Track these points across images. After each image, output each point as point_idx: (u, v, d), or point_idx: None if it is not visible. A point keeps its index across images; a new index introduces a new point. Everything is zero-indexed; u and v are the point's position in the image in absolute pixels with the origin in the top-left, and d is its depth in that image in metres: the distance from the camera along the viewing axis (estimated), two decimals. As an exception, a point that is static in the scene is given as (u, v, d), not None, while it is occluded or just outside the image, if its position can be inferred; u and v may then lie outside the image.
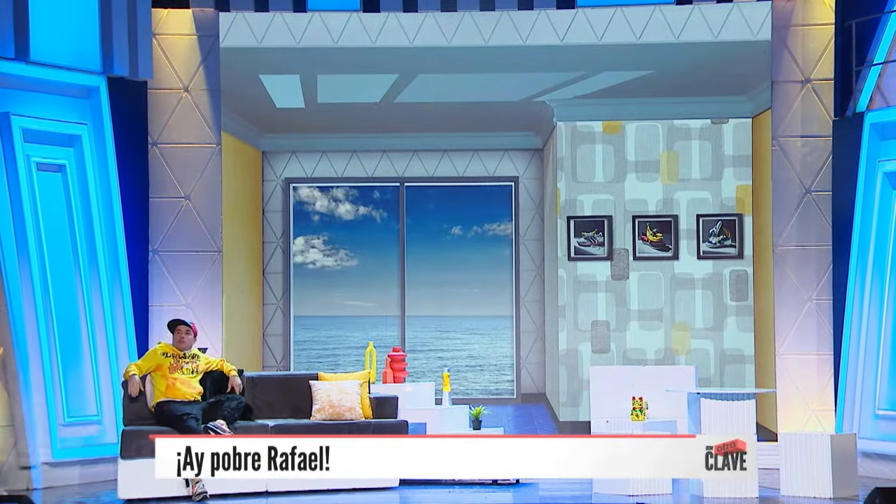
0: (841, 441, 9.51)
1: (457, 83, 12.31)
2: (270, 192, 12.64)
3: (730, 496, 9.38)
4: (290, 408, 10.33)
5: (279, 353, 12.56)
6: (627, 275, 12.23)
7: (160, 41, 11.94)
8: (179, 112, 11.99)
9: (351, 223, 12.67)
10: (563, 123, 12.33)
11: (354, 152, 12.62)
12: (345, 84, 12.29)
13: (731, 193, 12.19)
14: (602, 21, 12.02)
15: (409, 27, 12.08)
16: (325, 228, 12.67)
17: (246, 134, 12.46)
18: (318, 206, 12.70)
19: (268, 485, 9.83)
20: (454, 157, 12.61)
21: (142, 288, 11.61)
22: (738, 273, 12.15)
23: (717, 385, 11.94)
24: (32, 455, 10.29)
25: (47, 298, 10.59)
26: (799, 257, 11.73)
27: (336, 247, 12.68)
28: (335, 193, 12.68)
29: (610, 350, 12.13)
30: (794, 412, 11.59)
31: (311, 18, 12.11)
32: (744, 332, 12.08)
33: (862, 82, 11.20)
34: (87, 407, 10.76)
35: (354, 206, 12.70)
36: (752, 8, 11.89)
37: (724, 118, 12.21)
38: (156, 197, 11.94)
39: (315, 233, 12.67)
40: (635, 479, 9.58)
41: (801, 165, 11.79)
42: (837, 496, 9.36)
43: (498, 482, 10.26)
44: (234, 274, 12.21)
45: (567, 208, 12.29)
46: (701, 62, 12.07)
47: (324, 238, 12.68)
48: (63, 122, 10.94)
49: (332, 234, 12.68)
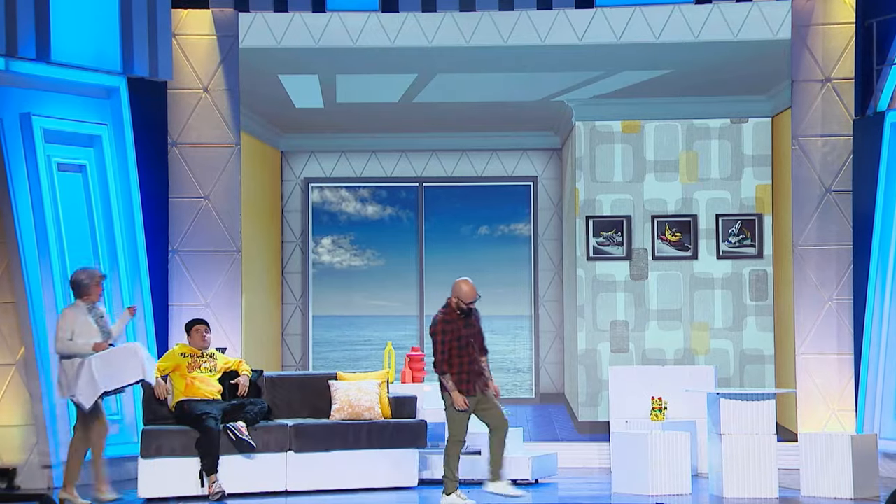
0: (861, 441, 9.48)
1: (475, 83, 12.31)
2: (289, 192, 12.66)
3: (749, 496, 9.36)
4: (309, 408, 10.35)
5: (298, 352, 12.58)
6: (646, 275, 12.20)
7: (180, 42, 11.98)
8: (199, 112, 12.02)
9: (370, 223, 12.68)
10: (581, 123, 12.32)
11: (373, 152, 12.63)
12: (364, 84, 12.31)
13: (750, 193, 12.16)
14: (621, 20, 12.00)
15: (427, 27, 12.09)
16: (344, 228, 12.69)
17: (265, 134, 12.49)
18: (338, 207, 12.71)
19: (287, 484, 9.85)
20: (473, 157, 12.61)
21: (161, 288, 11.65)
22: (757, 273, 12.12)
23: (737, 385, 11.90)
24: (53, 454, 10.34)
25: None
26: (819, 257, 11.69)
27: (356, 247, 12.69)
28: (359, 193, 12.69)
29: (629, 350, 12.11)
30: (814, 412, 11.55)
31: (330, 18, 12.13)
32: (763, 331, 12.04)
33: (883, 81, 11.16)
34: (108, 406, 10.79)
35: (373, 206, 12.71)
36: (772, 7, 11.85)
37: (744, 117, 12.18)
38: (175, 197, 11.97)
39: (334, 233, 12.69)
40: (654, 478, 9.56)
41: (821, 165, 11.75)
42: (858, 497, 9.33)
43: (517, 482, 10.24)
44: (254, 274, 12.24)
45: (586, 208, 12.28)
46: (720, 61, 12.04)
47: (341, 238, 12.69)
48: (83, 123, 10.99)
49: (352, 234, 12.69)
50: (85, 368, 9.18)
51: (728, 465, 9.40)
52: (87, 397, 9.16)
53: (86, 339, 9.26)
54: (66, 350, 9.27)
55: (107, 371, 9.16)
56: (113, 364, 9.19)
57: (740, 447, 9.40)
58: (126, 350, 9.32)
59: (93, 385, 9.16)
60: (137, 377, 9.29)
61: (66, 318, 9.32)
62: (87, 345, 9.26)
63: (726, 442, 9.43)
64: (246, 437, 9.60)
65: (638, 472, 9.63)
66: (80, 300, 9.38)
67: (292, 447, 9.89)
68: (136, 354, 9.26)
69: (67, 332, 9.26)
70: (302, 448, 9.87)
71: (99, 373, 9.16)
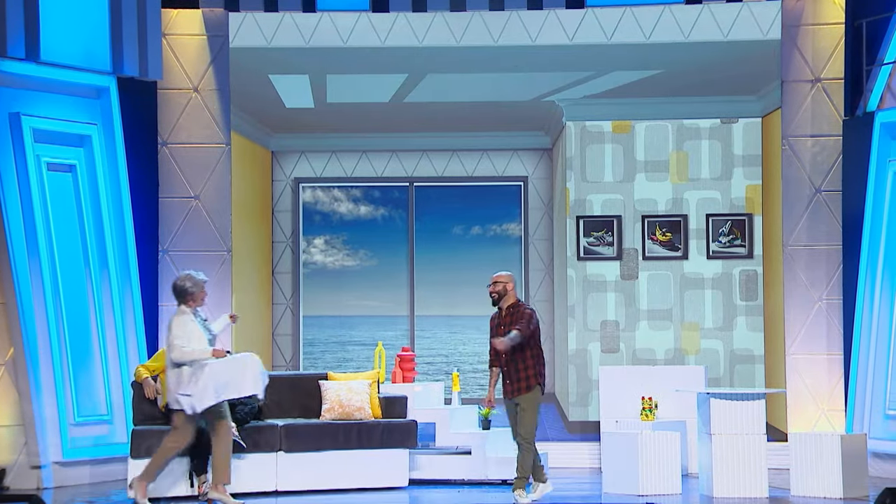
0: (851, 441, 9.49)
1: (466, 83, 12.31)
2: (280, 192, 12.65)
3: (739, 496, 9.37)
4: (299, 408, 10.34)
5: (288, 352, 12.57)
6: (637, 275, 12.22)
7: (170, 41, 11.96)
8: (189, 112, 12.01)
9: (359, 223, 12.67)
10: (572, 123, 12.33)
11: (364, 152, 12.63)
12: (354, 84, 12.30)
13: (740, 193, 12.17)
14: (611, 21, 12.01)
15: (418, 27, 12.09)
16: (333, 228, 12.68)
17: (255, 134, 12.48)
18: (327, 206, 12.70)
19: (277, 484, 9.84)
20: (463, 157, 12.61)
21: (152, 288, 11.63)
22: (747, 273, 12.13)
23: (727, 385, 11.92)
24: (43, 454, 10.32)
25: (57, 298, 10.62)
26: (809, 257, 11.71)
27: (344, 246, 12.68)
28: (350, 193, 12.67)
29: (619, 350, 12.12)
30: (804, 412, 11.57)
31: (321, 18, 12.13)
32: (753, 331, 12.06)
33: (872, 81, 11.18)
34: (98, 407, 10.79)
35: (363, 206, 12.70)
36: (762, 7, 11.87)
37: (734, 118, 12.20)
38: (165, 197, 11.96)
39: (323, 232, 12.68)
40: (644, 478, 9.57)
41: (810, 165, 11.77)
42: (848, 496, 9.34)
43: (507, 482, 10.25)
44: (244, 274, 12.23)
45: (576, 208, 12.29)
46: (710, 62, 12.05)
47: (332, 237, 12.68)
48: (73, 122, 10.97)
49: (341, 233, 12.68)
50: (205, 373, 9.01)
51: (718, 464, 9.42)
52: (201, 401, 8.99)
53: (198, 345, 9.09)
54: (183, 357, 9.06)
55: (226, 379, 9.02)
56: (231, 373, 9.05)
57: (730, 447, 9.42)
58: (244, 360, 9.17)
59: (210, 390, 9.00)
60: (251, 391, 9.14)
61: (178, 325, 9.11)
62: (206, 351, 9.07)
63: (716, 442, 9.44)
64: (236, 438, 9.58)
65: (628, 471, 9.63)
66: (185, 306, 9.23)
67: (283, 447, 9.89)
68: (254, 367, 9.13)
69: (183, 339, 9.07)
70: (292, 448, 9.87)
71: (218, 379, 9.03)
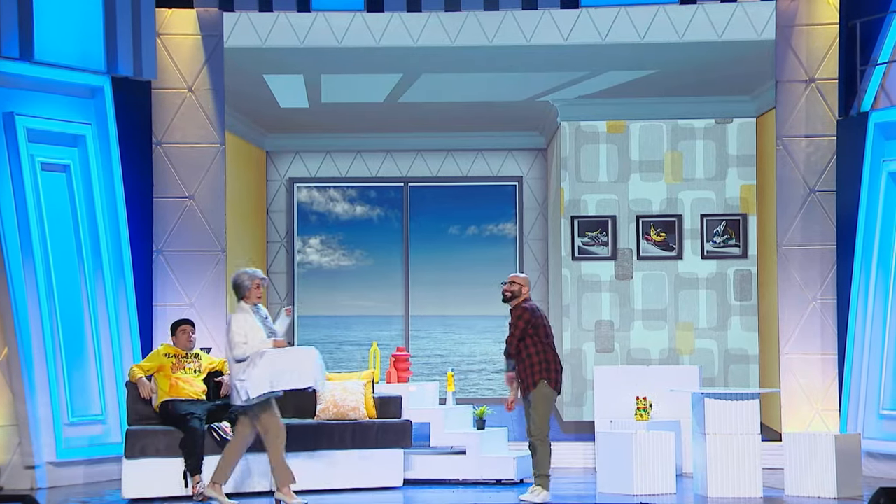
0: (845, 441, 9.50)
1: (461, 83, 12.31)
2: (274, 192, 12.65)
3: (733, 496, 9.38)
4: (294, 407, 10.32)
5: (283, 352, 12.55)
6: (631, 274, 12.22)
7: (164, 41, 11.95)
8: (183, 112, 12.00)
9: (354, 223, 12.67)
10: (566, 123, 12.33)
11: (358, 152, 12.62)
12: (349, 84, 12.30)
13: (735, 193, 12.18)
14: (606, 21, 12.01)
15: (412, 27, 12.08)
16: (328, 228, 12.67)
17: (250, 134, 12.47)
18: (322, 206, 12.70)
19: (271, 484, 9.82)
20: (458, 157, 12.61)
21: (146, 288, 11.62)
22: (742, 273, 12.14)
23: (721, 385, 11.92)
24: (37, 454, 10.31)
25: (51, 298, 10.60)
26: (803, 257, 11.72)
27: (339, 246, 12.68)
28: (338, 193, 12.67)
29: (614, 350, 12.12)
30: (798, 412, 11.58)
31: (315, 18, 12.12)
32: (748, 331, 12.07)
33: (866, 82, 11.20)
34: (92, 407, 10.78)
35: (358, 206, 12.70)
36: (757, 7, 11.88)
37: (728, 118, 12.20)
38: (160, 197, 11.95)
39: (318, 232, 12.67)
40: (639, 478, 9.58)
41: (805, 165, 11.78)
42: (842, 496, 9.35)
43: (502, 482, 10.25)
44: (238, 274, 12.20)
45: (571, 208, 12.29)
46: (705, 62, 12.06)
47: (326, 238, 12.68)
48: (67, 122, 10.96)
49: (335, 233, 12.68)
50: (262, 361, 9.00)
51: (712, 464, 9.42)
52: (255, 387, 8.96)
53: (257, 338, 9.06)
54: (245, 353, 9.03)
55: (282, 368, 9.02)
56: (289, 363, 9.05)
57: (725, 447, 9.42)
58: (304, 353, 9.16)
59: (266, 378, 8.98)
60: (308, 383, 9.12)
61: (236, 322, 9.09)
62: (266, 342, 9.06)
63: (711, 442, 9.45)
64: (230, 438, 9.57)
65: (623, 471, 9.64)
66: (244, 301, 9.22)
67: (277, 447, 9.86)
68: (312, 359, 9.13)
69: (242, 335, 9.05)
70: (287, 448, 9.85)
71: (275, 368, 9.01)
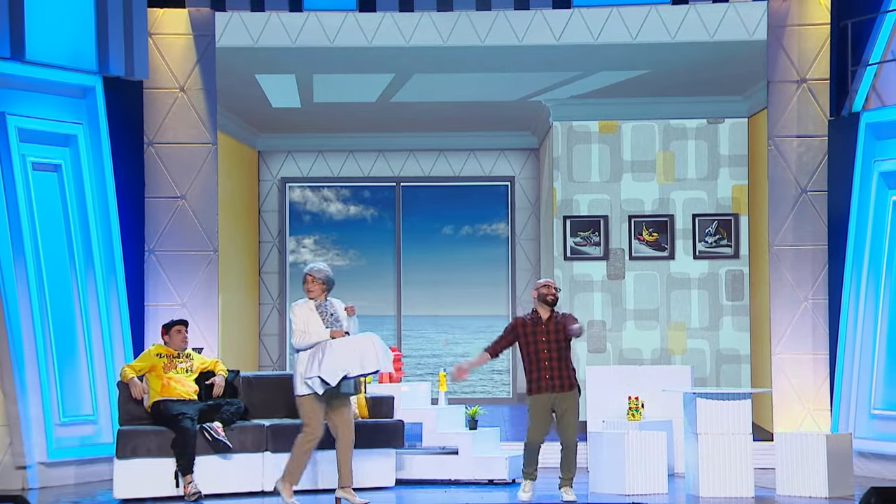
0: (837, 441, 9.52)
1: (453, 83, 12.31)
2: (266, 192, 12.63)
3: (725, 495, 9.39)
4: (286, 408, 10.31)
5: (275, 352, 12.55)
6: (623, 274, 12.23)
7: (156, 41, 11.93)
8: (175, 112, 11.98)
9: (346, 223, 12.66)
10: (559, 123, 12.33)
11: (350, 152, 12.62)
12: (341, 84, 12.29)
13: (726, 193, 12.20)
14: (598, 21, 12.02)
15: (405, 27, 12.08)
16: (320, 228, 12.66)
17: (242, 134, 12.46)
18: (314, 206, 12.69)
19: (263, 484, 9.82)
20: (450, 157, 12.61)
21: (137, 288, 11.60)
22: (733, 273, 12.16)
23: (713, 385, 11.94)
24: (28, 455, 10.29)
25: (43, 298, 10.58)
26: (795, 257, 11.74)
27: (331, 246, 12.67)
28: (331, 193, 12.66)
29: (606, 350, 12.13)
30: (789, 412, 11.60)
31: (307, 18, 12.11)
32: (740, 331, 12.08)
33: (857, 82, 11.21)
34: (83, 407, 10.75)
35: (350, 206, 12.69)
36: (748, 8, 11.89)
37: (720, 118, 12.22)
38: (151, 197, 11.93)
39: (311, 232, 12.67)
40: (631, 478, 9.58)
41: (796, 165, 11.80)
42: (833, 496, 9.36)
43: (494, 482, 10.25)
44: (230, 274, 12.21)
45: (563, 208, 12.29)
46: (697, 62, 12.07)
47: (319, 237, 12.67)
48: (59, 122, 10.93)
49: (328, 233, 12.67)
50: (329, 350, 9.05)
51: (704, 464, 9.43)
52: (330, 376, 9.00)
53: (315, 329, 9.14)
54: (302, 342, 9.11)
55: (348, 355, 9.05)
56: (353, 350, 9.08)
57: (716, 447, 9.43)
58: (364, 339, 9.19)
59: (336, 367, 9.01)
60: (375, 367, 9.16)
61: (296, 313, 9.22)
62: (324, 333, 9.13)
63: (702, 441, 9.45)
64: (222, 438, 9.57)
65: (614, 471, 9.64)
66: (308, 296, 9.29)
67: (269, 447, 9.86)
68: (374, 344, 9.16)
69: (301, 324, 9.16)
70: (279, 448, 9.84)
71: (341, 355, 9.04)
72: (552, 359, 9.31)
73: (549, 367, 9.30)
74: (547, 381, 9.31)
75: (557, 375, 9.30)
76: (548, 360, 9.31)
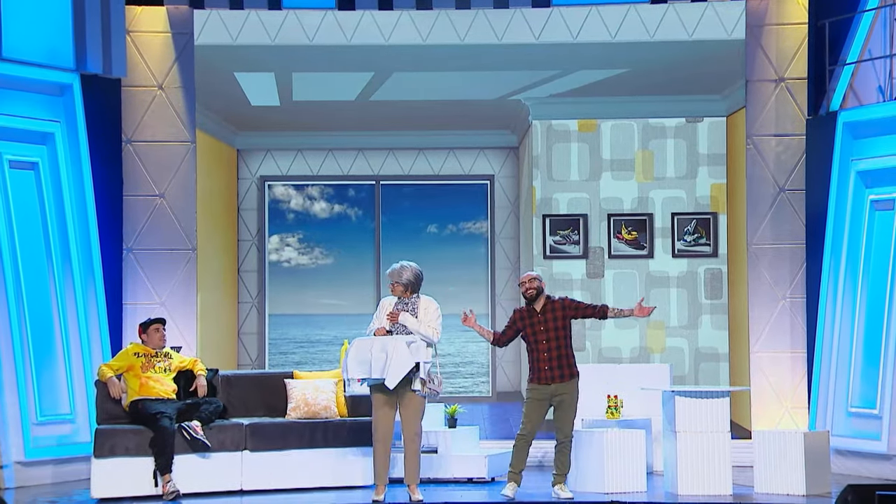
0: (814, 438, 9.56)
1: (432, 81, 12.31)
2: (245, 191, 12.61)
3: (704, 493, 9.41)
4: (264, 406, 10.30)
5: (254, 351, 12.53)
6: (602, 273, 12.25)
7: (134, 38, 11.89)
8: (154, 110, 11.94)
9: (326, 221, 12.65)
10: (538, 122, 12.35)
11: (330, 150, 12.60)
12: (320, 82, 12.28)
13: (705, 192, 12.24)
14: (577, 19, 12.04)
15: (384, 25, 12.07)
16: (300, 227, 12.65)
17: (221, 132, 12.43)
18: (294, 205, 12.67)
19: (242, 483, 9.80)
20: (430, 156, 12.61)
21: (115, 286, 11.55)
22: (712, 271, 12.20)
23: (692, 383, 11.97)
24: (5, 454, 10.23)
25: (20, 297, 10.53)
26: (773, 255, 11.78)
27: (311, 245, 12.66)
28: (310, 191, 12.65)
29: (585, 348, 12.15)
30: (767, 410, 11.64)
31: (286, 16, 12.09)
32: (718, 330, 12.12)
33: (835, 81, 11.26)
34: (60, 406, 10.71)
35: (330, 205, 12.68)
36: (727, 7, 11.93)
37: (699, 117, 12.26)
38: (130, 195, 11.88)
39: (290, 231, 12.65)
40: (610, 476, 9.60)
41: (774, 164, 11.84)
42: (811, 493, 9.40)
43: (473, 480, 10.25)
44: (209, 272, 12.17)
45: (542, 207, 12.31)
46: (676, 61, 12.11)
47: (299, 236, 12.66)
48: (36, 120, 10.87)
49: (308, 232, 12.66)
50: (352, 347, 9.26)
51: (683, 462, 9.45)
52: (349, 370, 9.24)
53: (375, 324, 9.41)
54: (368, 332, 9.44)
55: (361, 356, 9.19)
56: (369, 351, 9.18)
57: (695, 445, 9.46)
58: (393, 346, 9.21)
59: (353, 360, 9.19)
60: (379, 375, 9.19)
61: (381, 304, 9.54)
62: (373, 328, 9.40)
63: (681, 439, 9.48)
64: (201, 437, 9.54)
65: (593, 469, 9.66)
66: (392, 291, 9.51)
67: (248, 446, 9.84)
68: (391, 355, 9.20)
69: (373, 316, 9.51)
70: (257, 447, 9.83)
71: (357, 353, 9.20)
72: (550, 349, 9.37)
73: (547, 359, 9.36)
74: (546, 371, 9.35)
75: (557, 366, 9.35)
76: (546, 350, 9.37)
